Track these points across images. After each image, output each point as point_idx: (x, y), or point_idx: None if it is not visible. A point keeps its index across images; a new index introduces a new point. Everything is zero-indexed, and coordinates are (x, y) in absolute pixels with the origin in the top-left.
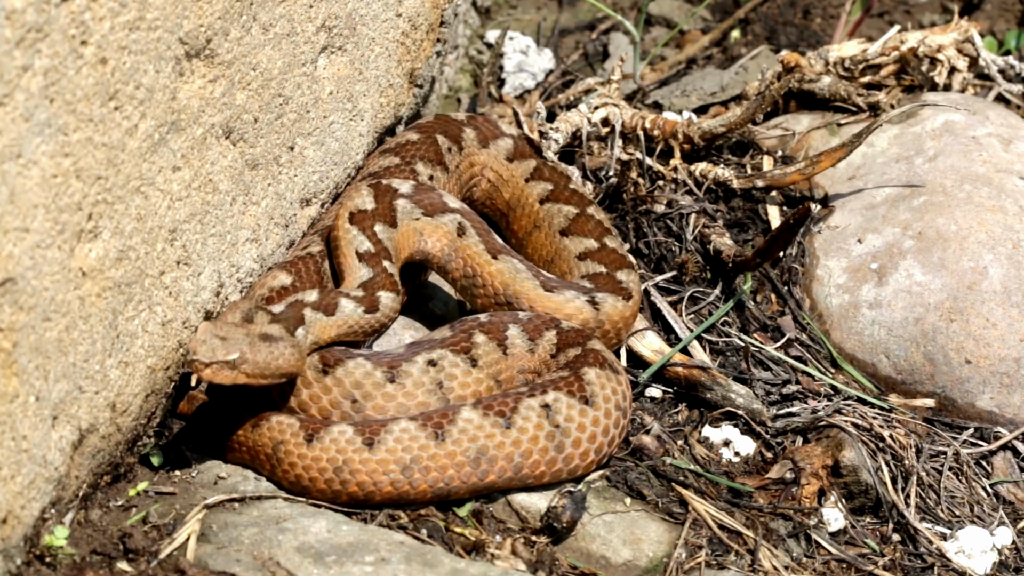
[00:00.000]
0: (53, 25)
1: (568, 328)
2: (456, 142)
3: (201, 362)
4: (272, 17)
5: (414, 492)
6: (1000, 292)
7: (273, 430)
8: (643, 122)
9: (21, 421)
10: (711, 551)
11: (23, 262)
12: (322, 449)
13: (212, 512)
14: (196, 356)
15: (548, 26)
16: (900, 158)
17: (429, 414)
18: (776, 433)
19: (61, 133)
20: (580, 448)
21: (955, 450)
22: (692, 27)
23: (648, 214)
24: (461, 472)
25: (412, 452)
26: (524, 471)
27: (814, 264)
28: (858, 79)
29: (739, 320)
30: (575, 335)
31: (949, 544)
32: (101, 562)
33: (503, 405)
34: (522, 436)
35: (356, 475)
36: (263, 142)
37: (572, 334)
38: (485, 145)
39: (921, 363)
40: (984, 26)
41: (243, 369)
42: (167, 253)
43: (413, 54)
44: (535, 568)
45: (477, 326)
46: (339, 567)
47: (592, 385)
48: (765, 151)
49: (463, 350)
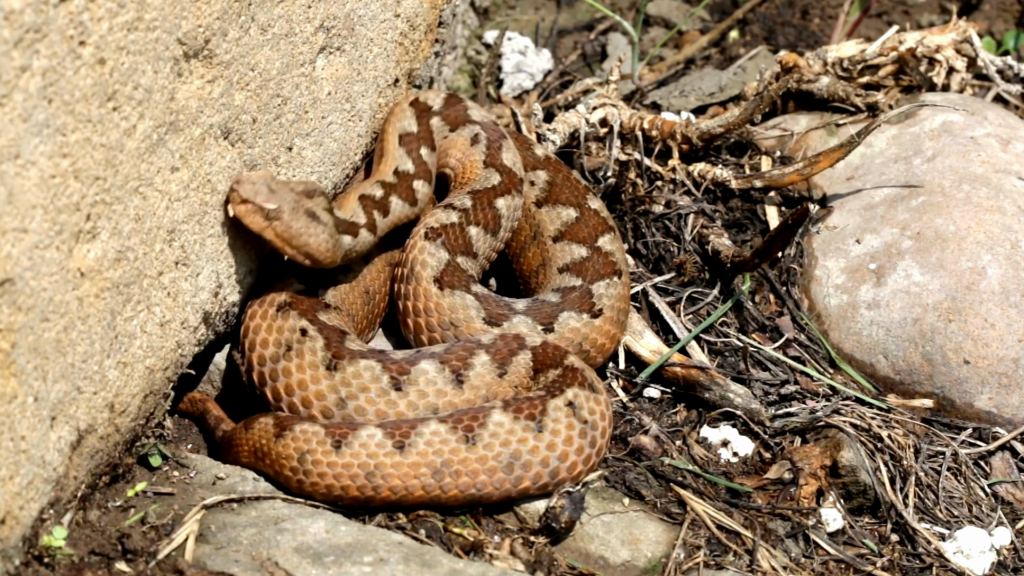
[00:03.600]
0: (51, 25)
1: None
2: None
3: (240, 195)
4: (270, 17)
5: (445, 496)
6: (998, 292)
7: (298, 439)
8: (641, 122)
9: (19, 422)
10: (709, 551)
11: (21, 263)
12: (352, 455)
13: (211, 512)
14: (238, 188)
15: (546, 26)
16: (898, 158)
17: (459, 415)
18: (774, 433)
19: (59, 133)
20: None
21: (953, 450)
22: (690, 27)
23: (646, 214)
24: (494, 478)
25: (443, 455)
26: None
27: (812, 264)
28: (856, 79)
29: (737, 320)
30: (553, 351)
31: (947, 544)
32: (99, 563)
33: (532, 407)
34: (555, 438)
35: (388, 480)
36: (261, 143)
37: (551, 350)
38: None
39: (919, 363)
40: (982, 26)
41: (275, 225)
42: (165, 254)
43: (411, 55)
44: (533, 568)
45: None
46: (337, 567)
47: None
48: (763, 151)
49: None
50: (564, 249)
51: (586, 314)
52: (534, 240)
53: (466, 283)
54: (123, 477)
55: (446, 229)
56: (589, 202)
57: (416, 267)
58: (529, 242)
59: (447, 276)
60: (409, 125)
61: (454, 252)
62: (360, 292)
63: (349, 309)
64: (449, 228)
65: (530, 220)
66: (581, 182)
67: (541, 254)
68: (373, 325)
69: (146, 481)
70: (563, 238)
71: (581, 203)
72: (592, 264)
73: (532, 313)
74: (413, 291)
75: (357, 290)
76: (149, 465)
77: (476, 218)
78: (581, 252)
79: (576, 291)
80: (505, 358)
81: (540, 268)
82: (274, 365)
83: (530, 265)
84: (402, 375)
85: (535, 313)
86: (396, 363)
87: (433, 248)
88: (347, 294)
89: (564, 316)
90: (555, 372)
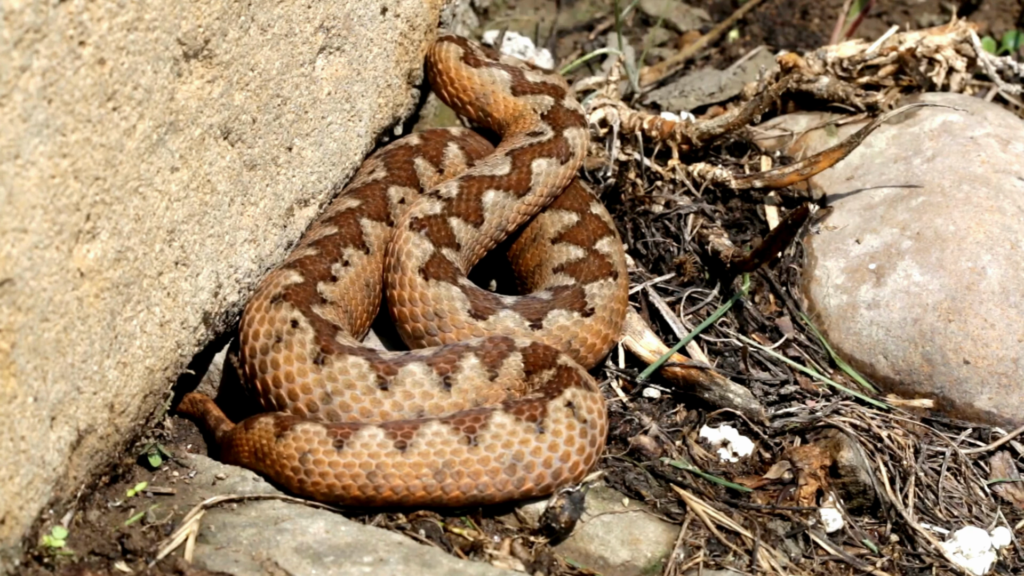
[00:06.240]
0: (51, 26)
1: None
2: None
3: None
4: (270, 18)
5: (447, 497)
6: (998, 292)
7: (299, 439)
8: (641, 123)
9: (19, 422)
10: (709, 551)
11: (21, 263)
12: (354, 455)
13: (210, 512)
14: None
15: (546, 27)
16: (898, 158)
17: (461, 416)
18: (774, 433)
19: (59, 134)
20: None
21: (953, 450)
22: (690, 27)
23: (646, 214)
24: (496, 479)
25: (444, 456)
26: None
27: (812, 264)
28: (856, 79)
29: (737, 320)
30: (544, 351)
31: (947, 544)
32: (99, 563)
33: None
34: (557, 439)
35: (390, 480)
36: (261, 143)
37: (542, 350)
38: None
39: (919, 363)
40: (982, 26)
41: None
42: (165, 254)
43: (411, 55)
44: (533, 568)
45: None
46: (337, 567)
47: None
48: (763, 151)
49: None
50: (561, 250)
51: (577, 312)
52: (534, 242)
53: (452, 275)
54: (123, 477)
55: (430, 220)
56: (592, 208)
57: (402, 257)
58: (529, 244)
59: (432, 267)
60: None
61: (438, 244)
62: (361, 286)
63: (348, 304)
64: (432, 220)
65: (532, 223)
66: (586, 189)
67: (539, 255)
68: (372, 317)
69: (146, 481)
70: (562, 240)
71: (584, 209)
72: (587, 265)
73: (520, 309)
74: (399, 280)
75: (358, 284)
76: (149, 465)
77: (458, 209)
78: (578, 253)
79: (568, 290)
80: (495, 361)
81: (536, 268)
82: (263, 356)
83: (528, 265)
84: (389, 375)
85: (523, 309)
86: (384, 363)
87: (418, 239)
88: (347, 288)
89: (553, 314)
90: (549, 373)
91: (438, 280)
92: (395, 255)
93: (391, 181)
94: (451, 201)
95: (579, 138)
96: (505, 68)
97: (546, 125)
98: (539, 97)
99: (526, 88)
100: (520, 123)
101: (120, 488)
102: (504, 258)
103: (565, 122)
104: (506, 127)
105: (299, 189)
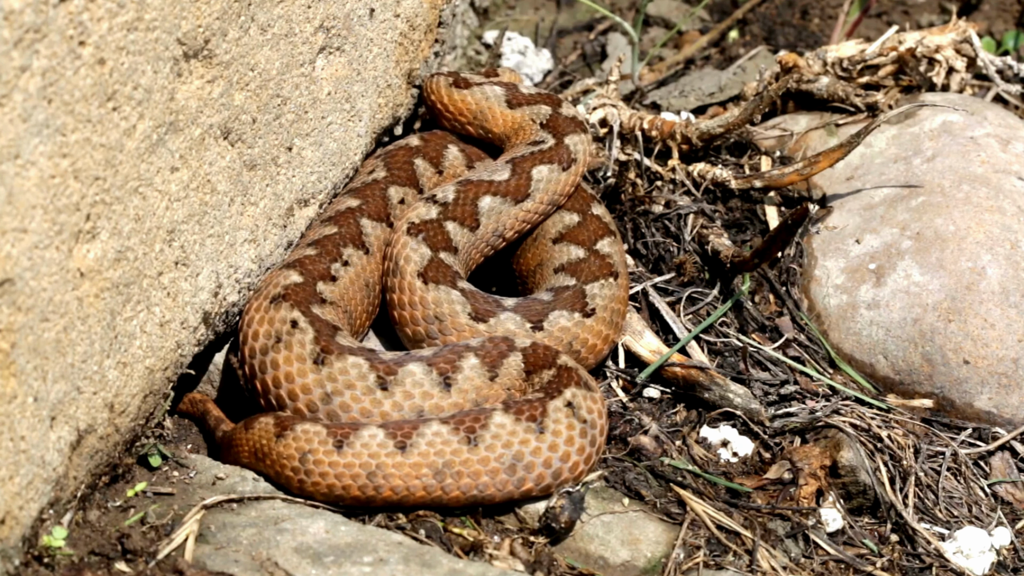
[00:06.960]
0: (51, 26)
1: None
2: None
3: None
4: (270, 18)
5: (447, 497)
6: (998, 292)
7: (300, 439)
8: (641, 123)
9: (19, 422)
10: (709, 551)
11: (21, 263)
12: (354, 455)
13: (210, 512)
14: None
15: (546, 27)
16: (898, 158)
17: (461, 416)
18: (774, 433)
19: (59, 134)
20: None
21: (953, 450)
22: (690, 27)
23: (646, 214)
24: (496, 479)
25: (444, 456)
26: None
27: (812, 264)
28: (856, 79)
29: (737, 320)
30: (544, 351)
31: (947, 544)
32: (99, 563)
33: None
34: (557, 439)
35: (390, 480)
36: (261, 143)
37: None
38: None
39: (919, 363)
40: (982, 26)
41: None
42: (165, 254)
43: (411, 55)
44: (533, 569)
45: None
46: (337, 567)
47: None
48: (763, 151)
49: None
50: (562, 250)
51: (578, 313)
52: (534, 242)
53: (451, 279)
54: (123, 477)
55: (427, 225)
56: (593, 209)
57: (400, 262)
58: (530, 244)
59: (431, 271)
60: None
61: (436, 248)
62: (360, 286)
63: (347, 304)
64: (429, 224)
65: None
66: (587, 190)
67: (540, 255)
68: (372, 317)
69: (146, 481)
70: (562, 240)
71: (585, 210)
72: (588, 265)
73: (521, 311)
74: (398, 285)
75: (357, 284)
76: (149, 465)
77: (454, 214)
78: (579, 253)
79: (569, 290)
80: (495, 361)
81: (537, 268)
82: (263, 357)
83: (528, 265)
84: (389, 375)
85: (524, 311)
86: (384, 363)
87: (415, 244)
88: (347, 288)
89: (555, 315)
90: (549, 373)
91: (437, 284)
92: (393, 260)
93: (391, 181)
94: (447, 206)
95: (581, 144)
96: (498, 84)
97: (546, 133)
98: (536, 107)
99: (521, 100)
100: (521, 134)
101: (120, 488)
102: (505, 259)
103: (565, 129)
104: (507, 140)
105: (299, 189)
